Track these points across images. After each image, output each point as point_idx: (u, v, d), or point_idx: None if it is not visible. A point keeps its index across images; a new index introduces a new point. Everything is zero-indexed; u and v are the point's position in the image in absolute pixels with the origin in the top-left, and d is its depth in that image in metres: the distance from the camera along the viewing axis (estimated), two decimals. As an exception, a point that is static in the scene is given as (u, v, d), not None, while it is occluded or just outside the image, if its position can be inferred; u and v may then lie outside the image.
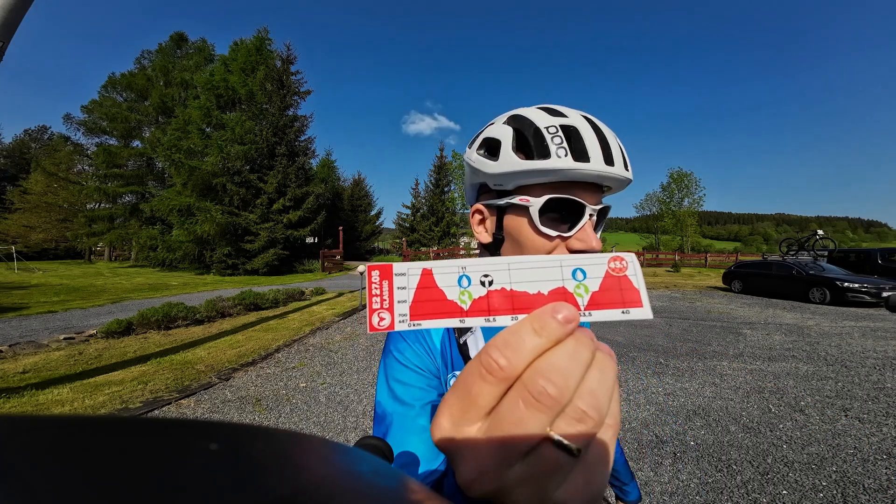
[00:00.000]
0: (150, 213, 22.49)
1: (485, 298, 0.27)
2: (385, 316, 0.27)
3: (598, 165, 0.53)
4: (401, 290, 0.28)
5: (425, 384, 0.59)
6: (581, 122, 0.55)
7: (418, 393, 0.58)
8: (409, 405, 0.56)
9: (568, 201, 0.56)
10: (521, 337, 0.21)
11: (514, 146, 0.56)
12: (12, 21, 2.57)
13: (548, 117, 0.56)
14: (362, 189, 41.24)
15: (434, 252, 24.89)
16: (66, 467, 0.11)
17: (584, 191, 0.56)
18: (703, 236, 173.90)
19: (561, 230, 0.56)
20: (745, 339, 6.25)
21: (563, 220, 0.57)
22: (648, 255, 27.76)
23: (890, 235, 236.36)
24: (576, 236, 0.56)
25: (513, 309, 0.27)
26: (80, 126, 30.20)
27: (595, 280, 0.27)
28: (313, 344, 5.76)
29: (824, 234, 16.33)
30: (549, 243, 0.57)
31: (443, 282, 0.28)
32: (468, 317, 0.27)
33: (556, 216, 0.56)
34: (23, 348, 5.02)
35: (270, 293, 8.77)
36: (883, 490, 2.34)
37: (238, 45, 23.40)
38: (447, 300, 0.27)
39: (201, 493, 0.11)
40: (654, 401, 3.73)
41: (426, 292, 0.28)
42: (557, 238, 0.57)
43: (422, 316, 0.27)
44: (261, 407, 3.54)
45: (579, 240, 0.56)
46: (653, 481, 2.46)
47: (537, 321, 0.21)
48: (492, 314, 0.26)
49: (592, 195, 0.57)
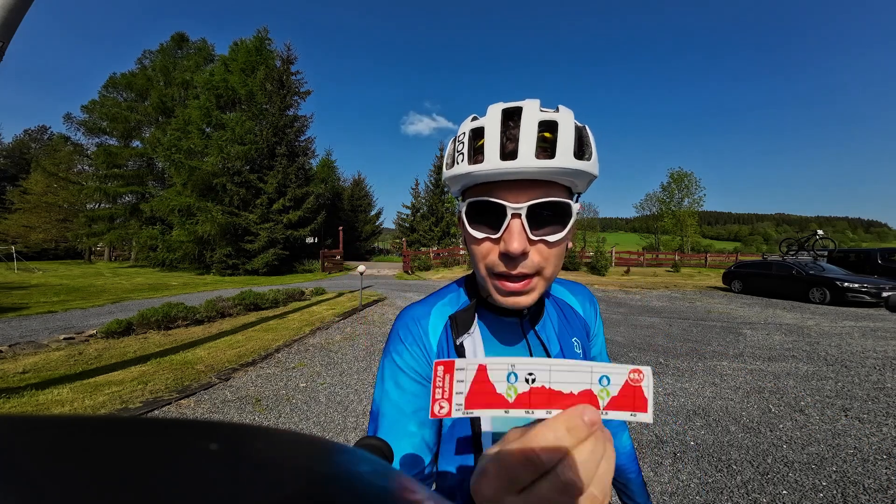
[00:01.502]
0: (150, 213, 22.51)
1: (527, 394, 0.33)
2: (444, 405, 0.33)
3: (490, 163, 0.51)
4: (459, 382, 0.33)
5: (419, 390, 0.62)
6: (492, 119, 0.52)
7: (412, 399, 0.61)
8: (402, 409, 0.60)
9: (487, 203, 0.54)
10: (558, 436, 0.28)
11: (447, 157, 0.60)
12: (12, 21, 2.57)
13: (469, 123, 0.56)
14: (362, 189, 41.22)
15: (434, 252, 24.87)
16: (66, 467, 0.11)
17: (510, 190, 0.53)
18: (703, 236, 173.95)
19: (489, 232, 0.55)
20: (745, 339, 6.25)
21: (491, 222, 0.54)
22: (648, 256, 27.74)
23: (890, 235, 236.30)
24: (502, 237, 0.54)
25: (549, 404, 0.32)
26: (80, 126, 30.17)
27: (616, 387, 0.34)
28: (313, 344, 5.76)
29: (824, 234, 16.32)
30: (482, 246, 0.56)
31: (494, 377, 0.33)
32: (512, 408, 0.33)
33: (487, 219, 0.55)
34: (23, 348, 5.02)
35: (270, 293, 8.77)
36: (883, 490, 2.34)
37: (238, 45, 23.41)
38: (496, 393, 0.33)
39: (201, 494, 0.11)
40: (653, 401, 3.73)
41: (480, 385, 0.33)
42: (486, 240, 0.56)
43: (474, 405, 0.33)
44: (261, 407, 3.54)
45: (503, 241, 0.53)
46: (653, 481, 2.46)
47: (570, 422, 0.28)
48: (531, 408, 0.33)
49: (525, 192, 0.53)
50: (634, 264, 25.92)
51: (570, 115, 0.53)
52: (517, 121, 0.51)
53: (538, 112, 0.52)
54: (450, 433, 0.63)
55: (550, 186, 0.54)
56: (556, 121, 0.51)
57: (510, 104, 0.54)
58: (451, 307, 0.70)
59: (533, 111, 0.51)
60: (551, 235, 0.54)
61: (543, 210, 0.53)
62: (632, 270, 22.81)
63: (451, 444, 0.63)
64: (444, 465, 0.64)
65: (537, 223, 0.53)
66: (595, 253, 20.91)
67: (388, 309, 8.94)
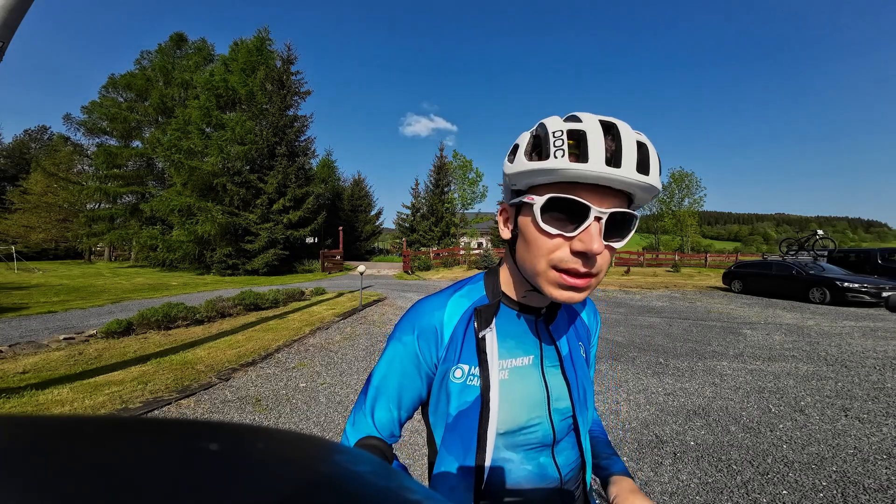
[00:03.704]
0: (150, 214, 22.52)
1: None
2: None
3: (596, 166, 0.52)
4: None
5: (413, 374, 0.68)
6: (593, 127, 0.55)
7: (401, 380, 0.69)
8: (389, 386, 0.68)
9: (570, 201, 0.56)
10: None
11: (528, 149, 0.59)
12: (12, 21, 2.57)
13: (561, 123, 0.57)
14: (362, 189, 41.19)
15: (434, 252, 24.87)
16: (67, 467, 0.11)
17: (593, 193, 0.56)
18: (703, 236, 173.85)
19: (565, 230, 0.56)
20: (745, 339, 6.25)
21: (569, 220, 0.56)
22: (648, 255, 27.74)
23: (890, 235, 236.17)
24: (578, 237, 0.56)
25: None
26: (80, 126, 30.21)
27: None
28: (313, 344, 5.76)
29: (824, 234, 16.31)
30: (551, 241, 0.58)
31: None
32: None
33: (561, 216, 0.57)
34: (23, 348, 5.01)
35: (270, 293, 8.76)
36: (883, 490, 2.34)
37: (238, 45, 23.41)
38: None
39: (201, 494, 0.11)
40: (654, 401, 3.73)
41: None
42: (559, 237, 0.57)
43: None
44: (261, 407, 3.54)
45: (581, 241, 0.55)
46: (653, 481, 2.46)
47: None
48: None
49: (604, 199, 0.56)
50: (634, 264, 25.92)
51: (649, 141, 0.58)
52: (616, 134, 0.55)
53: (632, 132, 0.56)
54: (454, 425, 0.64)
55: (623, 197, 0.57)
56: (646, 144, 0.57)
57: (603, 117, 0.57)
58: (468, 299, 0.71)
59: (628, 129, 0.56)
60: (616, 242, 0.58)
61: (618, 218, 0.57)
62: (632, 270, 22.82)
63: (455, 439, 0.63)
64: (446, 464, 0.64)
65: (609, 229, 0.57)
66: (595, 253, 20.86)
67: (388, 309, 8.94)
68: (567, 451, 0.69)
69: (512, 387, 0.65)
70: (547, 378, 0.68)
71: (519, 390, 0.65)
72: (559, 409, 0.68)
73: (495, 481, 0.63)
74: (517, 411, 0.64)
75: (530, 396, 0.66)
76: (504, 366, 0.65)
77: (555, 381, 0.68)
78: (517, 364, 0.67)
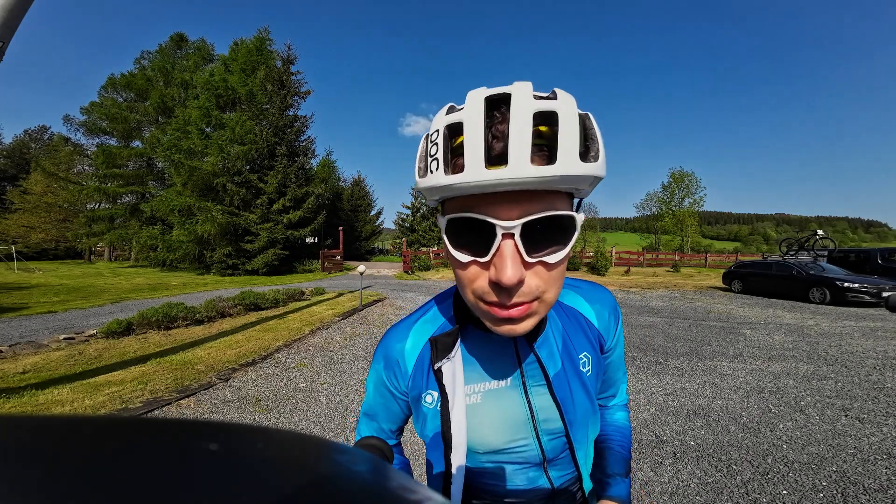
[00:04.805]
0: (150, 214, 22.47)
1: None
2: None
3: (474, 172, 0.40)
4: None
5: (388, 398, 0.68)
6: (472, 111, 0.41)
7: (382, 402, 0.69)
8: (373, 409, 0.71)
9: (471, 220, 0.44)
10: None
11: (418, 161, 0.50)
12: (12, 21, 2.57)
13: (442, 116, 0.45)
14: (362, 189, 41.19)
15: (434, 252, 24.86)
16: (67, 467, 0.11)
17: (502, 201, 0.43)
18: (703, 236, 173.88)
19: (478, 254, 0.45)
20: (745, 339, 6.25)
21: (481, 240, 0.45)
22: (648, 256, 27.75)
23: (890, 235, 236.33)
24: (492, 262, 0.45)
25: None
26: (79, 126, 30.20)
27: None
28: (313, 344, 5.76)
29: (824, 234, 16.32)
30: (466, 270, 0.47)
31: None
32: None
33: (471, 237, 0.46)
34: (23, 348, 5.01)
35: (270, 293, 8.77)
36: (883, 490, 2.34)
37: (238, 45, 23.38)
38: None
39: (201, 494, 0.11)
40: (653, 401, 3.73)
41: None
42: (472, 264, 0.46)
43: None
44: (261, 407, 3.54)
45: (494, 266, 0.44)
46: (653, 481, 2.46)
47: None
48: None
49: (518, 205, 0.43)
50: (634, 264, 25.93)
51: (572, 102, 0.42)
52: (505, 112, 0.41)
53: (531, 100, 0.40)
54: (432, 444, 0.64)
55: (548, 194, 0.44)
56: (555, 111, 0.40)
57: (495, 90, 0.42)
58: (432, 325, 0.66)
59: (524, 99, 0.40)
60: (551, 255, 0.45)
61: (541, 226, 0.44)
62: (632, 270, 22.81)
63: (437, 456, 0.63)
64: (432, 473, 0.65)
65: (534, 242, 0.44)
66: (595, 253, 20.94)
67: (388, 309, 8.94)
68: (561, 467, 0.64)
69: (484, 410, 0.60)
70: (532, 398, 0.61)
71: (494, 413, 0.60)
72: (548, 430, 0.61)
73: (482, 489, 0.64)
74: (495, 434, 0.60)
75: (509, 419, 0.60)
76: (475, 390, 0.60)
77: (542, 402, 0.61)
78: (492, 387, 0.60)
